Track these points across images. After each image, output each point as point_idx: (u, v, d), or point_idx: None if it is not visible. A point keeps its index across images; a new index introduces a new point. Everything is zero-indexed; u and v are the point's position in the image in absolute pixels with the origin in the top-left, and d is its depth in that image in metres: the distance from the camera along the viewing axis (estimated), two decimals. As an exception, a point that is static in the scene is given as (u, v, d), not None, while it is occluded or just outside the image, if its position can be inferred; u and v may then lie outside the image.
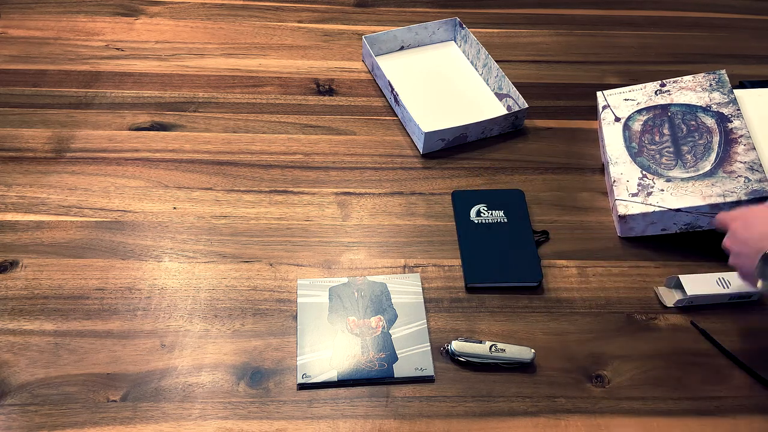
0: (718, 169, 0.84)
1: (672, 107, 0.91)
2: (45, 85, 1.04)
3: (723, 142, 0.85)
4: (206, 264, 0.83)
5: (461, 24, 1.12)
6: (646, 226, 0.86)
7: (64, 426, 0.69)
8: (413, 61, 1.13)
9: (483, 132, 0.98)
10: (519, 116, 0.99)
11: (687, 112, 0.89)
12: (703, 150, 0.85)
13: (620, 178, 0.87)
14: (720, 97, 0.89)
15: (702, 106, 0.90)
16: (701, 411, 0.73)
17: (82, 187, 0.91)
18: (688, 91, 0.91)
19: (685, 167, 0.85)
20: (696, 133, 0.87)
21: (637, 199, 0.84)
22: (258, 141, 0.98)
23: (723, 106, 0.88)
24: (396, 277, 0.82)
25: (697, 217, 0.83)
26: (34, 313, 0.77)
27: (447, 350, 0.76)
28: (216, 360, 0.75)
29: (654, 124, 0.90)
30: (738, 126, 0.86)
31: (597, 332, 0.80)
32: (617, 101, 0.95)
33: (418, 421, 0.71)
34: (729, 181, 0.82)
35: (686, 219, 0.84)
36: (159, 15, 1.19)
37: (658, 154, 0.87)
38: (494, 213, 0.89)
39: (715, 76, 0.92)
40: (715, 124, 0.87)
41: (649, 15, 1.28)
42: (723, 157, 0.84)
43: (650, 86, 0.94)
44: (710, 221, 0.82)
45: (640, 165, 0.87)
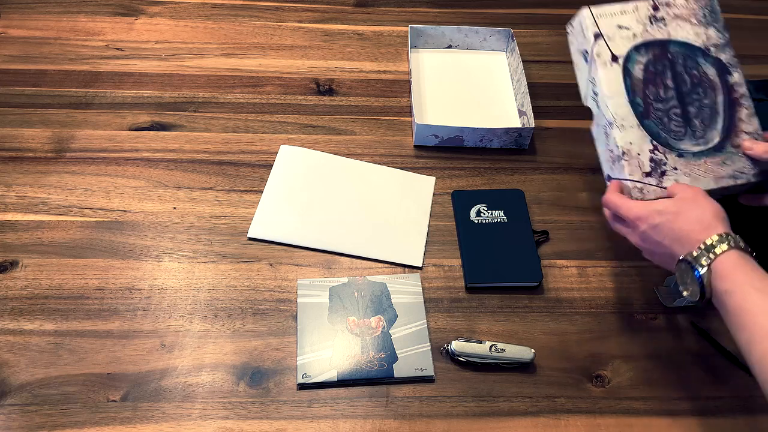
0: (726, 141, 0.69)
1: (671, 46, 0.73)
2: (45, 85, 1.04)
3: (727, 104, 0.71)
4: (206, 264, 0.83)
5: (513, 36, 1.11)
6: None
7: (64, 426, 0.69)
8: (455, 60, 1.13)
9: (482, 140, 0.97)
10: (523, 134, 0.97)
11: (688, 55, 0.72)
12: (710, 114, 0.70)
13: (631, 149, 0.68)
14: (716, 36, 0.74)
15: (701, 47, 0.73)
16: (701, 411, 0.73)
17: (82, 187, 0.91)
18: (682, 22, 0.74)
19: (695, 137, 0.69)
20: (700, 88, 0.71)
21: (652, 181, 0.67)
22: (258, 141, 0.98)
23: (720, 51, 0.73)
24: (396, 277, 0.82)
25: None
26: (34, 313, 0.77)
27: (447, 350, 0.76)
28: (216, 360, 0.75)
29: (656, 70, 0.71)
30: (738, 81, 0.72)
31: (597, 332, 0.80)
32: (610, 28, 0.74)
33: (418, 421, 0.71)
34: (738, 158, 0.68)
35: None
36: (159, 15, 1.19)
37: (666, 117, 0.70)
38: (494, 213, 0.89)
39: (707, 1, 0.75)
40: (716, 77, 0.72)
41: (649, 15, 1.28)
42: (729, 125, 0.70)
43: (642, 7, 0.75)
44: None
45: (649, 131, 0.69)
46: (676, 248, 0.65)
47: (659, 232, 0.67)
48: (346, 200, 0.91)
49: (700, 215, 0.65)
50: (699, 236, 0.63)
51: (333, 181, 0.93)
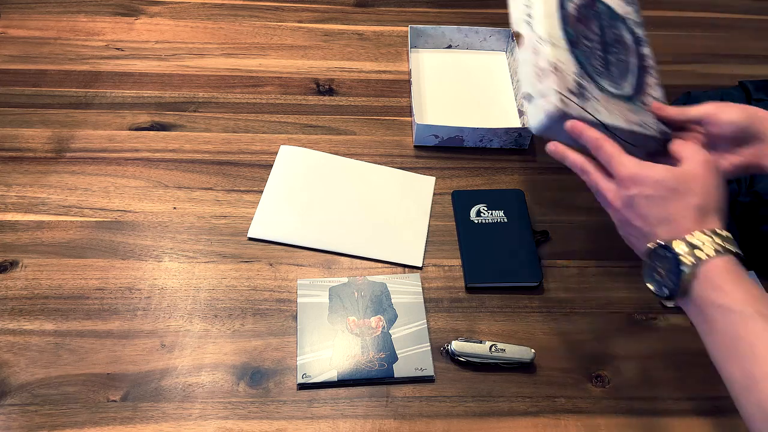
0: (636, 96, 0.72)
1: (599, 3, 0.75)
2: (45, 85, 1.04)
3: (639, 68, 0.74)
4: (206, 264, 0.83)
5: (513, 36, 1.11)
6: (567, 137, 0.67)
7: (64, 426, 0.69)
8: (455, 60, 1.13)
9: (482, 140, 0.97)
10: (523, 134, 0.97)
11: (611, 17, 0.75)
12: (624, 69, 0.72)
13: (560, 65, 0.66)
14: (633, 14, 0.78)
15: (621, 15, 0.76)
16: (701, 411, 0.73)
17: (82, 187, 0.91)
18: None
19: (612, 81, 0.70)
20: (620, 46, 0.73)
21: (575, 99, 0.65)
22: (258, 141, 0.98)
23: (637, 26, 0.77)
24: (396, 277, 0.82)
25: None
26: (34, 313, 0.77)
27: (447, 350, 0.76)
28: (216, 360, 0.75)
29: (586, 14, 0.72)
30: (648, 54, 0.75)
31: (597, 332, 0.80)
32: None
33: (418, 421, 0.71)
34: (644, 112, 0.70)
35: None
36: (159, 15, 1.19)
37: (590, 54, 0.70)
38: (494, 213, 0.89)
39: None
40: (632, 43, 0.75)
41: (649, 15, 1.27)
42: (639, 84, 0.72)
43: None
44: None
45: (577, 58, 0.68)
46: (661, 231, 0.59)
47: (648, 205, 0.60)
48: (346, 200, 0.91)
49: (703, 201, 0.58)
50: (693, 225, 0.57)
51: (333, 181, 0.93)
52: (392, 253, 0.85)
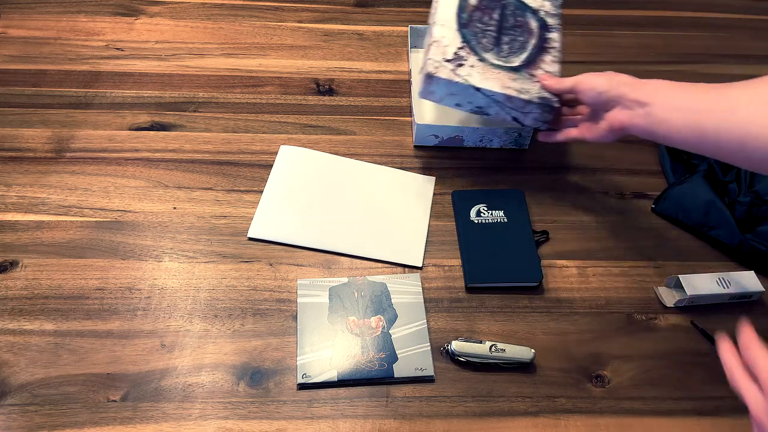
0: (524, 68, 0.88)
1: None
2: (45, 85, 1.04)
3: (537, 48, 0.90)
4: (206, 264, 0.83)
5: None
6: (445, 95, 0.86)
7: (64, 426, 0.69)
8: None
9: (482, 140, 0.97)
10: (523, 134, 0.97)
11: (519, 7, 0.93)
12: (518, 47, 0.89)
13: (441, 40, 0.87)
14: (550, 7, 0.95)
15: (533, 7, 0.94)
16: (701, 411, 0.73)
17: (82, 187, 0.91)
18: None
19: (499, 55, 0.88)
20: (519, 29, 0.91)
21: (449, 65, 0.84)
22: (258, 141, 0.98)
23: (549, 16, 0.94)
24: (396, 277, 0.82)
25: (489, 103, 0.86)
26: (34, 313, 0.77)
27: (447, 350, 0.76)
28: (216, 360, 0.75)
29: (488, 6, 0.92)
30: (554, 38, 0.92)
31: (597, 332, 0.80)
32: None
33: (418, 421, 0.71)
34: (528, 81, 0.86)
35: (481, 101, 0.86)
36: (159, 15, 1.19)
37: (481, 34, 0.89)
38: (494, 213, 0.89)
39: None
40: (537, 29, 0.92)
41: (649, 15, 1.28)
42: (532, 60, 0.89)
43: None
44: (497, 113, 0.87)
45: (463, 36, 0.88)
46: None
47: None
48: (346, 200, 0.91)
49: None
50: None
51: (333, 181, 0.93)
52: (392, 253, 0.85)
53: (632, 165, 0.98)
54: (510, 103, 0.86)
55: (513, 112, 0.87)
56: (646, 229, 0.91)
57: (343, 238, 0.86)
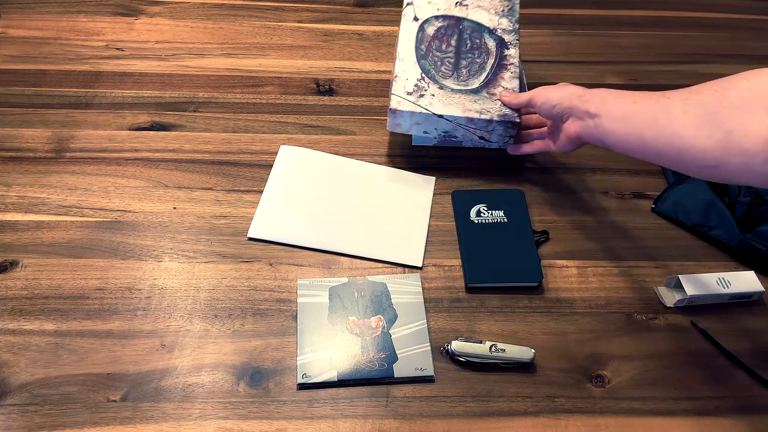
0: (483, 89, 0.92)
1: (465, 21, 0.98)
2: (45, 85, 1.04)
3: (496, 66, 0.94)
4: (206, 264, 0.83)
5: None
6: (411, 125, 0.91)
7: (64, 426, 0.69)
8: None
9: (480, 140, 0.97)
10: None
11: (475, 29, 0.97)
12: (477, 69, 0.93)
13: (402, 75, 0.92)
14: (507, 24, 0.98)
15: (489, 27, 0.98)
16: (701, 411, 0.73)
17: (82, 187, 0.91)
18: (482, 11, 0.99)
19: (458, 80, 0.92)
20: (477, 51, 0.95)
21: (410, 98, 0.89)
22: (258, 141, 0.98)
23: (506, 33, 0.97)
24: (396, 277, 0.82)
25: (454, 127, 0.90)
26: (34, 313, 0.77)
27: (447, 350, 0.76)
28: (216, 360, 0.75)
29: (445, 33, 0.96)
30: (512, 54, 0.95)
31: (597, 332, 0.80)
32: (421, 2, 1.00)
33: (418, 421, 0.71)
34: (489, 101, 0.90)
35: (446, 126, 0.90)
36: (159, 15, 1.19)
37: (440, 62, 0.93)
38: (494, 213, 0.89)
39: (509, 3, 1.01)
40: (495, 47, 0.96)
41: (649, 15, 1.28)
42: (491, 79, 0.93)
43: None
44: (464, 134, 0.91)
45: (422, 68, 0.93)
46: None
47: None
48: (346, 200, 0.91)
49: None
50: None
51: (333, 181, 0.93)
52: (392, 253, 0.85)
53: (632, 165, 0.98)
54: (473, 125, 0.90)
55: (478, 131, 0.91)
56: (646, 229, 0.91)
57: (343, 238, 0.86)
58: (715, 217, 0.88)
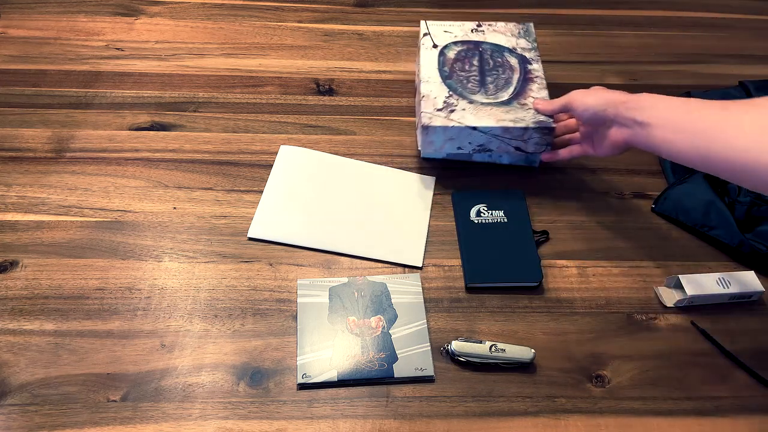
0: (514, 100, 0.92)
1: (483, 44, 1.01)
2: (45, 85, 1.04)
3: (522, 80, 0.95)
4: (206, 264, 0.83)
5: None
6: (445, 141, 0.90)
7: (64, 426, 0.69)
8: None
9: (491, 156, 0.96)
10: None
11: (495, 50, 1.00)
12: (504, 83, 0.94)
13: (429, 94, 0.92)
14: (525, 44, 1.01)
15: (509, 47, 1.00)
16: (701, 411, 0.73)
17: (82, 187, 0.91)
18: (499, 34, 1.02)
19: (487, 94, 0.92)
20: (501, 68, 0.97)
21: (441, 114, 0.89)
22: (258, 141, 0.98)
23: (526, 51, 1.00)
24: (396, 277, 0.82)
25: (489, 139, 0.89)
26: (34, 313, 0.77)
27: (447, 350, 0.76)
28: (216, 360, 0.75)
29: (466, 55, 0.99)
30: (536, 68, 0.97)
31: (597, 332, 0.80)
32: (437, 31, 1.03)
33: (418, 421, 0.71)
34: (521, 110, 0.90)
35: (480, 139, 0.89)
36: (159, 15, 1.19)
37: (465, 80, 0.94)
38: (494, 213, 0.89)
39: (523, 26, 1.04)
40: (518, 64, 0.97)
41: (649, 15, 1.28)
42: (520, 91, 0.93)
43: (468, 24, 1.04)
44: (499, 146, 0.90)
45: (449, 86, 0.93)
46: None
47: None
48: (346, 200, 0.91)
49: None
50: None
51: (333, 181, 0.93)
52: (392, 253, 0.85)
53: (632, 165, 0.98)
54: (508, 134, 0.89)
55: (513, 142, 0.90)
56: (646, 229, 0.91)
57: (343, 238, 0.86)
58: (715, 217, 0.88)
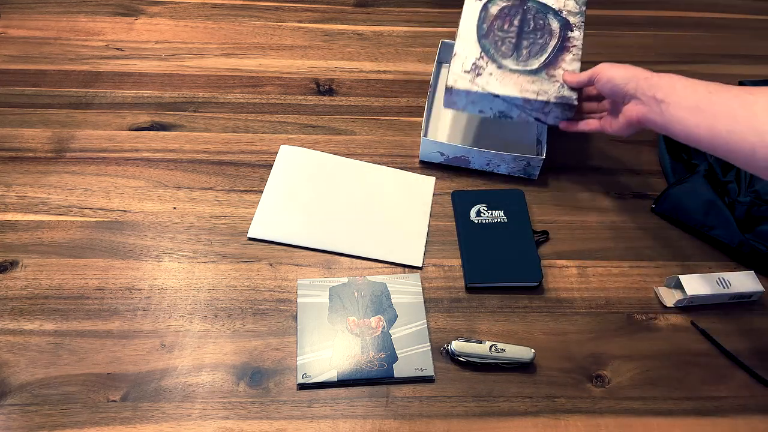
0: (543, 70, 0.90)
1: (530, 2, 0.97)
2: (45, 85, 1.04)
3: (558, 47, 0.93)
4: (206, 264, 0.83)
5: None
6: (467, 103, 0.90)
7: (64, 426, 0.69)
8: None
9: (488, 164, 0.95)
10: (531, 163, 0.93)
11: (540, 10, 0.96)
12: (538, 50, 0.92)
13: (461, 53, 0.92)
14: (573, 6, 0.97)
15: (555, 8, 0.97)
16: (701, 411, 0.73)
17: (82, 187, 0.91)
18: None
19: (518, 60, 0.91)
20: (540, 32, 0.94)
21: (467, 77, 0.89)
22: (258, 141, 0.98)
23: (572, 15, 0.96)
24: (396, 277, 0.82)
25: (510, 107, 0.89)
26: (34, 313, 0.77)
27: (447, 350, 0.76)
28: (216, 360, 0.75)
29: (509, 13, 0.96)
30: (576, 36, 0.94)
31: (597, 332, 0.80)
32: None
33: (418, 421, 0.71)
34: (547, 82, 0.89)
35: (501, 106, 0.89)
36: (159, 15, 1.19)
37: (500, 41, 0.93)
38: (494, 213, 0.89)
39: None
40: (558, 29, 0.95)
41: (649, 15, 1.28)
42: (552, 60, 0.91)
43: None
44: (520, 115, 0.90)
45: (482, 47, 0.92)
46: None
47: None
48: (346, 200, 0.91)
49: None
50: None
51: (333, 181, 0.93)
52: (392, 253, 0.85)
53: (632, 165, 0.98)
54: (529, 106, 0.88)
55: (534, 113, 0.90)
56: (646, 229, 0.91)
57: (343, 238, 0.86)
58: (715, 217, 0.88)
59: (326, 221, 0.88)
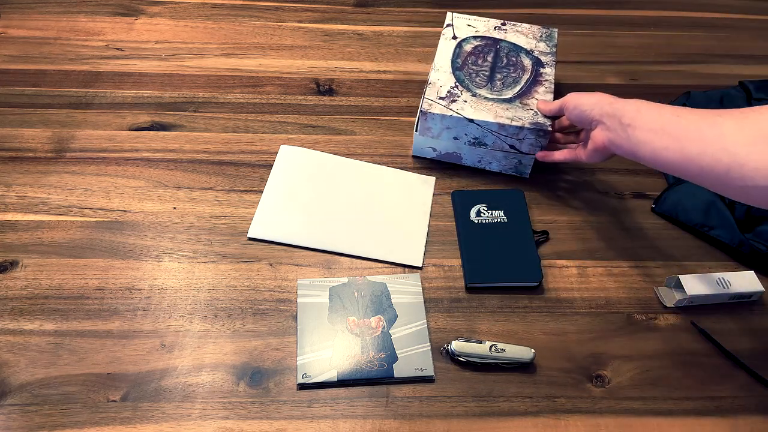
0: (517, 99, 0.93)
1: (502, 42, 1.02)
2: (45, 85, 1.04)
3: (530, 81, 0.96)
4: (206, 264, 0.83)
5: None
6: (442, 129, 0.92)
7: (64, 426, 0.69)
8: None
9: (480, 161, 0.95)
10: (523, 162, 0.94)
11: (512, 49, 1.01)
12: (512, 81, 0.96)
13: (436, 82, 0.94)
14: (544, 47, 1.02)
15: (527, 48, 1.02)
16: (701, 411, 0.73)
17: (82, 187, 0.91)
18: (521, 35, 1.04)
19: (492, 90, 0.94)
20: (513, 67, 0.98)
21: (442, 102, 0.91)
22: (258, 141, 0.98)
23: (543, 55, 1.01)
24: (396, 277, 0.82)
25: (485, 133, 0.90)
26: (34, 313, 0.77)
27: (447, 350, 0.76)
28: (216, 360, 0.75)
29: (482, 50, 1.01)
30: (548, 72, 0.98)
31: (597, 332, 0.80)
32: (461, 24, 1.05)
33: (418, 421, 0.71)
34: (521, 110, 0.91)
35: (476, 132, 0.91)
36: (159, 15, 1.19)
37: (474, 74, 0.96)
38: (494, 213, 0.89)
39: (547, 31, 1.05)
40: (531, 66, 0.99)
41: (649, 15, 1.28)
42: (525, 91, 0.94)
43: (492, 22, 1.06)
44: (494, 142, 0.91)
45: (457, 77, 0.95)
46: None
47: None
48: (346, 200, 0.91)
49: None
50: None
51: (333, 181, 0.93)
52: (392, 253, 0.85)
53: (632, 165, 0.98)
54: (504, 131, 0.90)
55: (508, 139, 0.90)
56: (646, 229, 0.91)
57: (343, 238, 0.86)
58: (715, 217, 0.88)
59: (326, 221, 0.88)
